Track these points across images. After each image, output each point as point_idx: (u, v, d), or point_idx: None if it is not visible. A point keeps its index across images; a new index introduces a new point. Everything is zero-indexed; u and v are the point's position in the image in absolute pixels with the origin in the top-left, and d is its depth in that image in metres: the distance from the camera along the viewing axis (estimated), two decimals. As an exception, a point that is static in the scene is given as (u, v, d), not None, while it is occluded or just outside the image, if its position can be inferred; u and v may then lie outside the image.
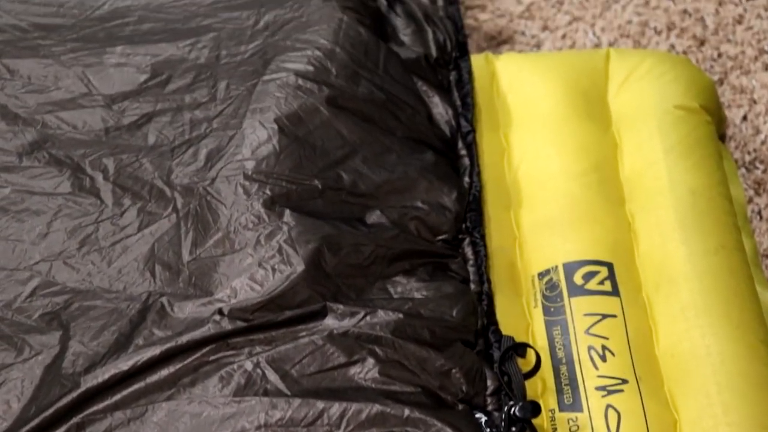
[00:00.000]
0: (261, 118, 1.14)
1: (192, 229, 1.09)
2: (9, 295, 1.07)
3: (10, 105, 1.20)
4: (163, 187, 1.13)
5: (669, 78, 1.27)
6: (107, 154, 1.15)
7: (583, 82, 1.28)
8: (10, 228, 1.11)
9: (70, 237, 1.10)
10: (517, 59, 1.32)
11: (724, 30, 1.43)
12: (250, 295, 1.03)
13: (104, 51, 1.24)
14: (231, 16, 1.26)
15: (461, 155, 1.21)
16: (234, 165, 1.12)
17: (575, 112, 1.26)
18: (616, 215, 1.18)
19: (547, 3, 1.47)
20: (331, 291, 1.05)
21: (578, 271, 1.12)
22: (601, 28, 1.44)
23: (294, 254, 1.05)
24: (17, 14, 1.29)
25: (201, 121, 1.17)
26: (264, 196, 1.09)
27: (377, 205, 1.13)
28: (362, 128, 1.16)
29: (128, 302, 1.06)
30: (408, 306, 1.05)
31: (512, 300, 1.14)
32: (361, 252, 1.08)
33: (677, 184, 1.17)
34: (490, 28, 1.46)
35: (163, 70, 1.21)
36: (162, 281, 1.07)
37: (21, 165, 1.15)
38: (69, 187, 1.13)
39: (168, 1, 1.29)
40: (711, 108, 1.27)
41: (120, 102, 1.19)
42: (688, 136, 1.21)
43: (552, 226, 1.18)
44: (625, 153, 1.23)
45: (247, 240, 1.07)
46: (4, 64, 1.23)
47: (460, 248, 1.13)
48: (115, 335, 1.03)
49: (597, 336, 1.08)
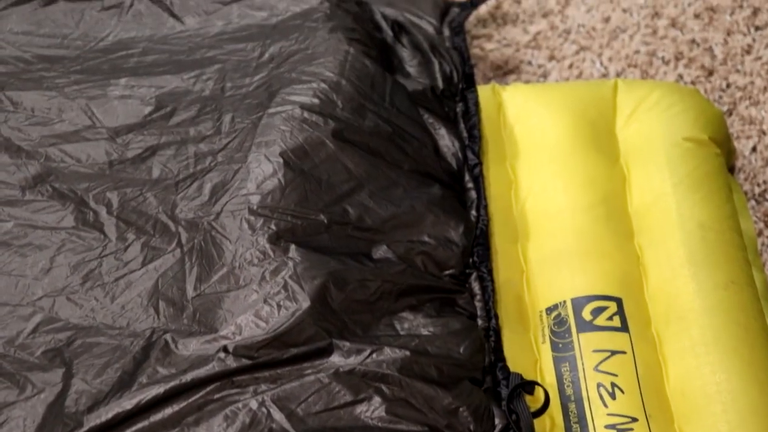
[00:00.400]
0: (266, 152, 1.13)
1: (196, 265, 1.08)
2: (11, 332, 1.06)
3: (13, 138, 1.19)
4: (168, 221, 1.12)
5: (678, 110, 1.26)
6: (111, 188, 1.14)
7: (590, 114, 1.27)
8: (12, 263, 1.10)
9: (74, 272, 1.09)
10: (523, 90, 1.32)
11: (733, 60, 1.42)
12: (255, 332, 1.02)
13: (108, 83, 1.23)
14: (236, 48, 1.25)
15: (468, 188, 1.20)
16: (239, 199, 1.11)
17: (583, 143, 1.25)
18: (624, 249, 1.17)
19: (553, 32, 1.46)
20: (337, 327, 1.04)
21: (587, 306, 1.11)
22: (609, 58, 1.43)
23: (299, 290, 1.04)
24: (21, 46, 1.28)
25: (206, 155, 1.16)
26: (269, 231, 1.08)
27: (384, 240, 1.12)
28: (368, 162, 1.15)
29: (132, 339, 1.05)
30: (415, 343, 1.04)
31: (520, 335, 1.12)
32: (368, 287, 1.07)
33: (686, 218, 1.16)
34: (497, 58, 1.45)
35: (168, 102, 1.21)
36: (166, 317, 1.06)
37: (24, 199, 1.14)
38: (72, 221, 1.12)
39: (172, 32, 1.28)
40: (720, 140, 1.26)
41: (124, 135, 1.19)
42: (697, 168, 1.21)
43: (560, 260, 1.16)
44: (633, 186, 1.22)
45: (252, 276, 1.06)
46: (8, 96, 1.22)
47: (467, 283, 1.12)
48: (119, 373, 1.02)
49: (606, 373, 1.07)
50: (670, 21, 1.47)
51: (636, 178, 1.23)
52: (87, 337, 1.05)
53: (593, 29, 1.47)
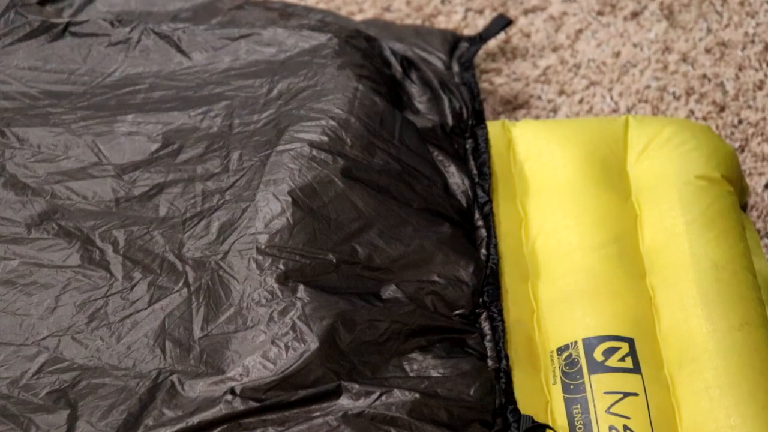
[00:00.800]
0: (275, 190, 1.12)
1: (204, 305, 1.07)
2: (15, 372, 1.05)
3: (19, 175, 1.18)
4: (175, 260, 1.11)
5: (690, 147, 1.25)
6: (117, 226, 1.14)
7: (601, 150, 1.26)
8: (17, 302, 1.09)
9: (79, 311, 1.08)
10: (534, 126, 1.31)
11: (745, 96, 1.41)
12: (263, 373, 1.01)
13: (115, 119, 1.22)
14: (244, 84, 1.25)
15: (478, 226, 1.19)
16: (247, 238, 1.10)
17: (594, 181, 1.24)
18: (636, 289, 1.16)
19: (563, 67, 1.45)
20: (345, 369, 1.03)
21: (598, 346, 1.10)
22: (619, 93, 1.43)
23: (308, 331, 1.03)
24: (27, 81, 1.27)
25: (213, 193, 1.15)
26: (277, 270, 1.07)
27: (393, 280, 1.11)
28: (377, 200, 1.14)
29: (138, 380, 1.04)
30: (425, 385, 1.03)
31: (530, 376, 1.11)
32: (377, 328, 1.06)
33: (699, 257, 1.15)
34: (506, 92, 1.44)
35: (175, 139, 1.20)
36: (172, 358, 1.05)
37: (29, 236, 1.13)
38: (78, 259, 1.12)
39: (180, 68, 1.28)
40: (733, 178, 1.25)
41: (131, 172, 1.18)
42: (709, 207, 1.19)
43: (571, 299, 1.15)
44: (645, 224, 1.21)
45: (260, 316, 1.05)
46: (14, 133, 1.21)
47: (477, 323, 1.11)
48: (124, 415, 1.01)
49: (618, 415, 1.05)
50: (681, 56, 1.47)
51: (648, 217, 1.22)
52: (92, 378, 1.04)
53: (603, 64, 1.46)
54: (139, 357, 1.05)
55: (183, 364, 1.04)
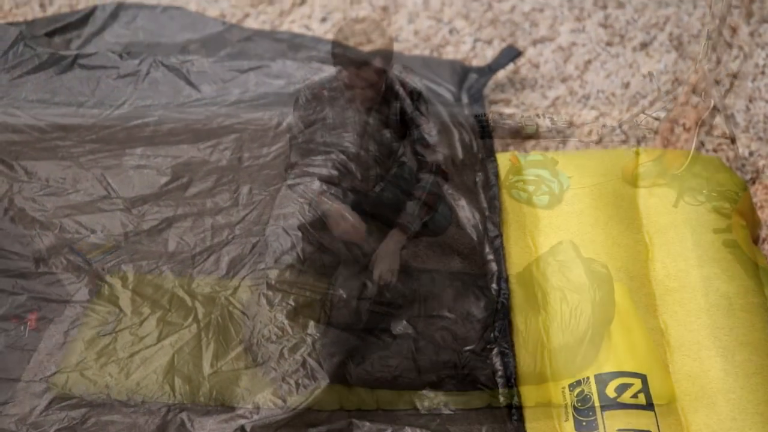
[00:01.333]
0: (284, 225, 1.12)
1: (213, 341, 1.07)
2: (24, 409, 1.04)
3: (27, 208, 1.17)
4: (184, 295, 1.10)
5: (701, 179, 1.24)
6: (126, 260, 1.13)
7: (612, 183, 1.26)
8: (25, 337, 1.08)
9: (88, 347, 1.08)
10: (543, 157, 1.30)
11: (755, 128, 1.40)
12: (274, 411, 1.01)
13: (124, 152, 1.22)
14: (253, 117, 1.25)
15: (488, 260, 1.18)
16: (257, 274, 1.10)
17: (605, 213, 1.23)
18: (648, 324, 1.15)
19: (572, 98, 1.45)
20: (356, 406, 1.02)
21: (611, 383, 1.09)
22: (628, 125, 1.42)
23: (318, 368, 1.02)
24: (35, 114, 1.27)
25: (223, 227, 1.15)
26: (287, 306, 1.06)
27: (403, 315, 1.10)
28: (387, 234, 1.13)
29: (147, 417, 1.03)
30: (436, 423, 1.03)
31: (542, 412, 1.10)
32: (387, 364, 1.05)
33: (711, 292, 1.15)
34: (516, 123, 1.43)
35: (184, 172, 1.20)
36: (182, 395, 1.04)
37: (38, 271, 1.13)
38: (87, 294, 1.11)
39: (189, 100, 1.27)
40: (744, 210, 1.24)
41: (140, 206, 1.18)
42: (721, 240, 1.18)
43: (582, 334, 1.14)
44: (656, 257, 1.21)
45: (270, 353, 1.05)
46: (22, 166, 1.21)
47: (488, 359, 1.10)
48: (133, 454, 1.00)
49: (632, 453, 1.04)
50: (691, 87, 1.46)
51: (659, 250, 1.21)
52: (101, 415, 1.04)
53: (612, 95, 1.46)
54: (148, 393, 1.05)
55: (192, 400, 1.04)
